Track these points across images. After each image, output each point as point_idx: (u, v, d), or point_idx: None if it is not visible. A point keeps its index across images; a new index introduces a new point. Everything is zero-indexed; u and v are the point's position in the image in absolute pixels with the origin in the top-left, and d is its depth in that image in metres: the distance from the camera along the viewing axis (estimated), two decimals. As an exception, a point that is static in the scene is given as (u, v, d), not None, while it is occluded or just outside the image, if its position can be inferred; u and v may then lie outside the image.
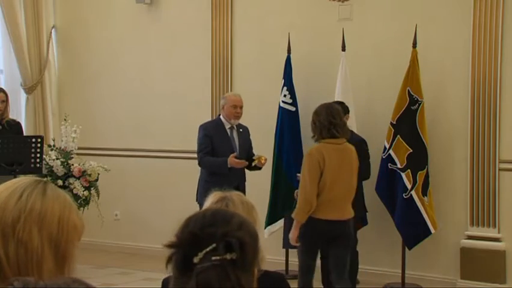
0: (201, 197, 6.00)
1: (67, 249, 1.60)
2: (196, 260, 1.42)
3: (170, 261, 1.46)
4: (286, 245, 6.54)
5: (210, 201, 2.57)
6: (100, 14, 8.41)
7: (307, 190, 5.04)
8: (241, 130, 6.34)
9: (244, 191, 5.76)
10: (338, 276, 5.24)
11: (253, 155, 6.32)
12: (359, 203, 6.10)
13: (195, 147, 7.28)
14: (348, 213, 5.22)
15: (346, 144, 5.24)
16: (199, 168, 6.36)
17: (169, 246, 1.46)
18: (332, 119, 5.12)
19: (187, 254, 1.44)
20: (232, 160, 6.02)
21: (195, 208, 6.06)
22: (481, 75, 6.39)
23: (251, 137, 6.51)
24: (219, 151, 6.13)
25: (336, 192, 5.10)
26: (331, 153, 5.08)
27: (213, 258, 1.40)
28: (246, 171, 6.33)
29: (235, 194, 2.59)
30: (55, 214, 1.59)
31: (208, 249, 1.41)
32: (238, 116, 6.25)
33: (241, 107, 6.26)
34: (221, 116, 6.33)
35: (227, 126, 6.25)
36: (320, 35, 7.15)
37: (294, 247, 5.51)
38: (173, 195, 7.68)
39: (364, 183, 6.55)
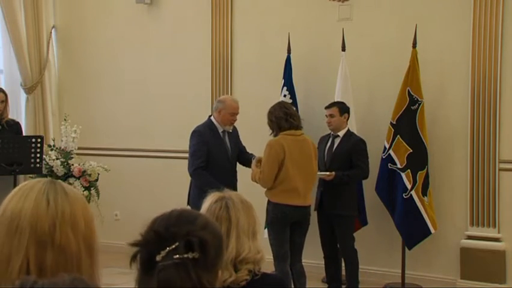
0: (194, 201, 5.84)
1: (95, 245, 1.60)
2: (158, 258, 1.44)
3: (135, 259, 1.47)
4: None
5: (209, 201, 2.57)
6: (100, 14, 8.41)
7: (265, 178, 5.53)
8: (230, 131, 6.12)
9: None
10: (297, 260, 5.71)
11: (248, 154, 6.17)
12: (352, 201, 6.13)
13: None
14: (309, 200, 5.71)
15: (304, 135, 5.69)
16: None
17: (134, 244, 1.48)
18: (285, 110, 5.63)
19: (151, 252, 1.45)
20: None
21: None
22: (481, 75, 6.39)
23: (250, 137, 6.46)
24: (214, 157, 5.90)
25: (298, 181, 5.54)
26: (290, 144, 5.52)
27: (175, 256, 1.42)
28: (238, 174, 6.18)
29: (234, 194, 2.60)
30: (80, 214, 1.59)
31: (170, 248, 1.43)
32: (233, 123, 6.04)
33: (237, 114, 6.04)
34: (213, 119, 6.02)
35: (220, 130, 5.99)
36: (320, 35, 7.15)
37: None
38: (173, 195, 7.66)
39: (364, 183, 6.56)
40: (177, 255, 1.43)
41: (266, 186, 5.58)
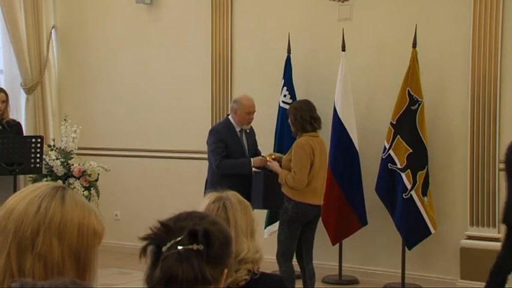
0: None
1: (88, 257, 1.56)
2: (164, 249, 1.46)
3: (144, 252, 1.50)
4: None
5: (206, 201, 2.56)
6: (100, 14, 8.41)
7: (301, 179, 5.58)
8: (248, 131, 6.24)
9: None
10: (309, 258, 5.83)
11: (260, 154, 6.25)
12: None
13: (194, 147, 7.28)
14: (322, 199, 5.86)
15: (321, 137, 5.85)
16: (205, 170, 6.26)
17: (144, 238, 1.50)
18: (312, 113, 5.73)
19: (159, 245, 1.47)
20: (256, 159, 5.98)
21: (194, 208, 6.05)
22: (481, 75, 6.39)
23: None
24: (231, 155, 6.03)
25: (319, 181, 5.73)
26: (315, 145, 5.66)
27: (179, 247, 1.44)
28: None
29: (231, 194, 2.60)
30: (75, 223, 1.54)
31: (177, 239, 1.45)
32: (250, 122, 6.16)
33: (254, 113, 6.15)
34: (230, 118, 6.15)
35: (237, 129, 6.12)
36: (320, 35, 7.15)
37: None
38: (173, 195, 7.68)
39: (364, 183, 6.58)
40: (181, 246, 1.45)
41: (301, 186, 5.63)
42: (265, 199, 5.77)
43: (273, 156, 6.05)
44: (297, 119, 5.71)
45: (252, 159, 6.01)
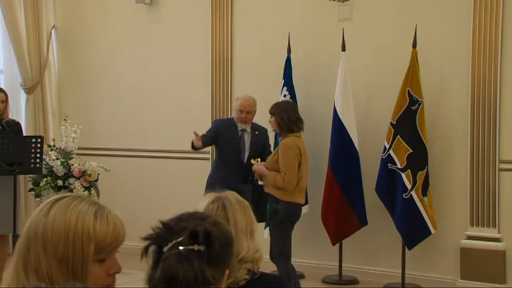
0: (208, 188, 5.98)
1: (76, 262, 1.56)
2: (165, 249, 1.47)
3: (146, 252, 1.51)
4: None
5: (205, 201, 2.56)
6: (100, 14, 8.41)
7: (291, 180, 5.62)
8: (256, 133, 6.23)
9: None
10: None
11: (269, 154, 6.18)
12: None
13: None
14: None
15: (302, 137, 5.92)
16: (205, 170, 6.28)
17: (145, 238, 1.51)
18: (297, 115, 5.86)
19: (160, 245, 1.48)
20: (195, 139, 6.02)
21: (195, 208, 6.04)
22: (481, 75, 6.39)
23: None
24: (225, 151, 6.04)
25: (305, 180, 5.86)
26: (300, 145, 5.73)
27: (180, 248, 1.45)
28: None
29: (230, 194, 2.60)
30: (58, 231, 1.56)
31: (178, 239, 1.46)
32: (244, 121, 6.14)
33: (248, 112, 6.13)
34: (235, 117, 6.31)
35: (239, 128, 6.16)
36: (320, 35, 7.15)
37: None
38: (173, 195, 7.68)
39: (364, 183, 6.57)
40: (182, 247, 1.46)
41: (291, 187, 5.66)
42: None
43: (258, 160, 6.01)
44: (283, 120, 5.76)
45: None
